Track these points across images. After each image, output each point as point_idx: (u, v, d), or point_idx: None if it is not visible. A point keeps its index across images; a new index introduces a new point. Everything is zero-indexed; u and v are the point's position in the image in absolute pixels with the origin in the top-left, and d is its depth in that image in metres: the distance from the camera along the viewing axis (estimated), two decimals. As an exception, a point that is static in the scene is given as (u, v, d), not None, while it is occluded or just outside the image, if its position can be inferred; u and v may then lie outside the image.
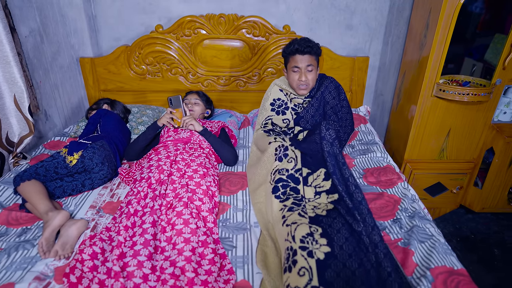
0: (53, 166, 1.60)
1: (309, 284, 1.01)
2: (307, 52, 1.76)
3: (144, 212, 1.40)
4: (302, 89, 1.85)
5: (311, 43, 1.77)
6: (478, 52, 2.23)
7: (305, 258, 1.08)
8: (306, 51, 1.75)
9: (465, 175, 2.30)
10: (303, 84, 1.82)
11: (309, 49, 1.75)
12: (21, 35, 1.91)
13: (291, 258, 1.10)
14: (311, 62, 1.78)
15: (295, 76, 1.82)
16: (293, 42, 1.79)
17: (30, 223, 1.44)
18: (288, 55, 1.82)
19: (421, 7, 2.07)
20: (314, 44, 1.78)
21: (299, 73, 1.81)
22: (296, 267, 1.07)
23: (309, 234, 1.16)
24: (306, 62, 1.78)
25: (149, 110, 2.39)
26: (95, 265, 1.18)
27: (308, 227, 1.19)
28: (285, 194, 1.44)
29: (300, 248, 1.11)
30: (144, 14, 2.43)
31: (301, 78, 1.80)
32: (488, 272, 1.96)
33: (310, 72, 1.80)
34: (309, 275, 1.04)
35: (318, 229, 1.19)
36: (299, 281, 1.03)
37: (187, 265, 1.15)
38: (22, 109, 1.86)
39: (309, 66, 1.78)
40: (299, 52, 1.76)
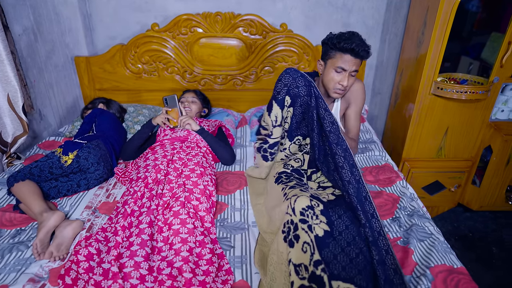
0: (47, 166, 1.58)
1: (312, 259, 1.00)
2: (362, 57, 1.49)
3: (141, 212, 1.38)
4: (337, 93, 1.58)
5: (368, 47, 1.48)
6: (474, 50, 2.23)
7: (306, 231, 1.06)
8: (362, 55, 1.48)
9: (463, 174, 2.30)
10: (341, 89, 1.56)
11: (365, 54, 1.48)
12: (14, 33, 1.89)
13: (292, 232, 1.09)
14: (358, 68, 1.53)
15: (336, 77, 1.54)
16: (350, 38, 1.46)
17: (24, 224, 1.41)
18: (336, 50, 1.50)
19: (419, 5, 2.07)
20: (369, 50, 1.49)
21: (342, 76, 1.53)
22: (300, 242, 1.05)
23: (310, 207, 1.13)
24: (355, 66, 1.51)
25: (145, 110, 2.37)
26: (90, 266, 1.16)
27: (309, 200, 1.16)
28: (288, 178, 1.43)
29: (300, 221, 1.09)
30: (139, 13, 2.40)
31: (343, 82, 1.53)
32: (487, 270, 1.95)
33: (352, 77, 1.55)
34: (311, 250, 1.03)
35: (319, 204, 1.16)
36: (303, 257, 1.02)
37: (185, 266, 1.13)
38: (16, 109, 1.83)
39: (355, 72, 1.53)
40: (353, 53, 1.47)
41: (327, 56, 1.54)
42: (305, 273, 1.03)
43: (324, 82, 1.59)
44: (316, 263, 1.03)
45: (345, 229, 1.12)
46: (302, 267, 1.05)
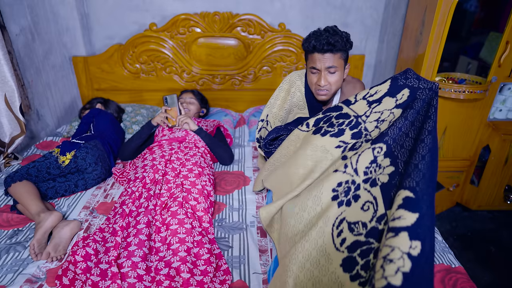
0: (45, 167, 1.57)
1: (374, 216, 0.97)
2: (328, 50, 1.36)
3: (139, 213, 1.38)
4: (321, 95, 1.47)
5: (333, 38, 1.34)
6: (473, 50, 2.23)
7: (368, 191, 1.02)
8: (327, 49, 1.35)
9: (461, 173, 2.30)
10: (322, 90, 1.45)
11: (330, 47, 1.35)
12: (11, 33, 1.88)
13: (352, 192, 1.04)
14: (334, 63, 1.39)
15: (313, 79, 1.45)
16: (311, 36, 1.39)
17: (22, 225, 1.41)
18: (306, 52, 1.45)
19: (417, 4, 2.07)
20: (338, 39, 1.34)
21: (318, 76, 1.43)
22: (359, 202, 1.02)
23: (373, 161, 1.06)
24: (327, 63, 1.39)
25: (143, 110, 2.36)
26: (88, 266, 1.16)
27: (371, 151, 1.08)
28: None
29: (363, 181, 1.04)
30: (137, 12, 2.40)
31: (319, 82, 1.42)
32: (485, 270, 1.95)
33: (333, 74, 1.42)
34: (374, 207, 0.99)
35: (382, 147, 1.07)
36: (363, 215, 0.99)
37: (182, 266, 1.13)
38: (13, 109, 1.83)
39: (331, 68, 1.39)
40: (318, 50, 1.37)
41: (306, 59, 1.49)
42: (362, 230, 0.97)
43: (310, 86, 1.52)
44: (379, 219, 0.97)
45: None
46: (359, 224, 0.99)
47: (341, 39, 1.35)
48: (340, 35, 1.35)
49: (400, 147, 1.06)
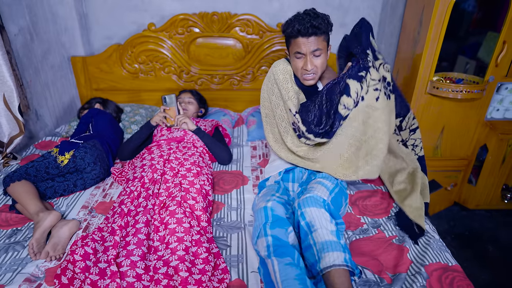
0: (44, 166, 1.57)
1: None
2: (313, 34, 1.35)
3: (137, 212, 1.38)
4: (308, 79, 1.45)
5: (317, 21, 1.33)
6: (471, 50, 2.24)
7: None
8: (311, 32, 1.34)
9: (459, 173, 2.31)
10: (309, 73, 1.43)
11: (314, 30, 1.34)
12: (10, 33, 1.88)
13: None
14: (319, 46, 1.37)
15: (298, 64, 1.43)
16: (293, 20, 1.37)
17: (21, 224, 1.41)
18: (288, 37, 1.42)
19: (414, 4, 2.07)
20: (321, 21, 1.34)
21: (303, 60, 1.41)
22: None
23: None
24: (312, 47, 1.37)
25: (142, 109, 2.37)
26: (87, 266, 1.16)
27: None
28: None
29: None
30: (136, 12, 2.40)
31: (306, 66, 1.41)
32: (483, 268, 1.96)
33: (318, 57, 1.41)
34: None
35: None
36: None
37: (181, 265, 1.13)
38: (11, 109, 1.83)
39: (316, 50, 1.38)
40: (302, 34, 1.35)
41: (287, 45, 1.47)
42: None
43: (295, 72, 1.49)
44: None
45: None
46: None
47: (323, 21, 1.35)
48: (321, 17, 1.36)
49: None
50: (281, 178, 1.53)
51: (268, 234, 1.18)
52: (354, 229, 1.39)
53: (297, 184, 1.50)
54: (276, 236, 1.17)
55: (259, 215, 1.27)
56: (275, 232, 1.18)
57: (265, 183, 1.56)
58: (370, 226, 1.41)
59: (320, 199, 1.24)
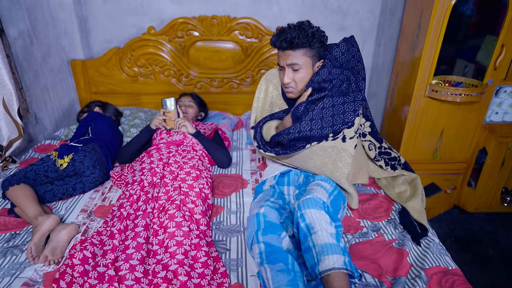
0: (43, 170, 1.57)
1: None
2: (287, 48, 1.33)
3: (137, 216, 1.38)
4: (287, 92, 1.47)
5: (293, 34, 1.30)
6: (470, 53, 2.25)
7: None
8: (285, 47, 1.33)
9: (458, 176, 2.31)
10: (287, 87, 1.44)
11: (287, 45, 1.32)
12: (10, 36, 1.88)
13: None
14: (296, 60, 1.35)
15: (280, 76, 1.45)
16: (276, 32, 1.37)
17: (19, 228, 1.41)
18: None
19: (413, 8, 2.08)
20: (299, 35, 1.30)
21: (283, 73, 1.42)
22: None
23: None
24: (288, 60, 1.36)
25: (141, 113, 2.37)
26: (85, 270, 1.15)
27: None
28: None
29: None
30: (135, 16, 2.41)
31: (283, 79, 1.41)
32: (483, 272, 1.96)
33: (296, 72, 1.39)
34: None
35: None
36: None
37: (180, 269, 1.13)
38: (11, 112, 1.83)
39: (294, 65, 1.37)
40: (278, 47, 1.36)
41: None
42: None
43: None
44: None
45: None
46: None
47: (303, 35, 1.31)
48: (304, 30, 1.31)
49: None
50: (276, 182, 1.52)
51: (260, 241, 1.17)
52: (353, 233, 1.39)
53: (293, 187, 1.49)
54: (268, 242, 1.16)
55: (252, 222, 1.27)
56: (267, 238, 1.17)
57: (262, 187, 1.56)
58: (370, 230, 1.40)
59: (320, 201, 1.24)
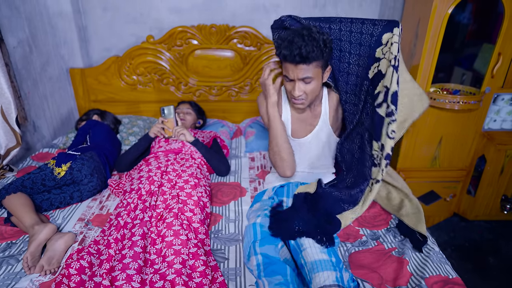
0: (40, 178, 1.56)
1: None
2: (301, 62, 1.24)
3: (134, 224, 1.37)
4: (296, 104, 1.39)
5: (307, 48, 1.20)
6: (467, 61, 2.26)
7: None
8: (299, 61, 1.24)
9: (457, 183, 2.30)
10: (297, 99, 1.36)
11: (300, 59, 1.22)
12: (9, 45, 1.89)
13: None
14: (309, 74, 1.27)
15: (288, 86, 1.36)
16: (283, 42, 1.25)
17: (15, 237, 1.39)
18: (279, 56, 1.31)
19: (410, 17, 2.10)
20: (313, 48, 1.21)
21: (292, 85, 1.33)
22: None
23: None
24: (300, 74, 1.27)
25: (140, 121, 2.37)
26: (82, 280, 1.14)
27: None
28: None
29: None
30: (135, 25, 2.42)
31: (293, 92, 1.33)
32: (483, 280, 1.94)
33: (308, 84, 1.31)
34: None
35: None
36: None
37: (177, 279, 1.12)
38: (9, 120, 1.82)
39: (306, 78, 1.29)
40: (291, 60, 1.25)
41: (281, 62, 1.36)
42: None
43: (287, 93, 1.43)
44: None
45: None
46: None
47: (317, 46, 1.22)
48: (316, 41, 1.22)
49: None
50: (275, 193, 1.51)
51: (258, 252, 1.15)
52: (353, 241, 1.38)
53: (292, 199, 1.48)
54: (265, 254, 1.15)
55: (248, 233, 1.25)
56: (264, 249, 1.16)
57: (261, 197, 1.55)
58: (369, 238, 1.39)
59: None
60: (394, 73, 1.20)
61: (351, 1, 2.41)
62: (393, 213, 1.50)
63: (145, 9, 2.38)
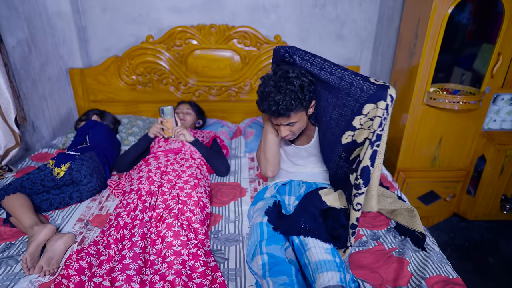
0: (39, 179, 1.55)
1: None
2: (281, 115, 1.24)
3: (134, 225, 1.36)
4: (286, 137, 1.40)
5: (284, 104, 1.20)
6: (467, 61, 2.26)
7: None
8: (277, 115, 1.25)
9: (457, 183, 2.30)
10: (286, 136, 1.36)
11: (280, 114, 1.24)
12: (8, 45, 1.88)
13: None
14: (292, 120, 1.28)
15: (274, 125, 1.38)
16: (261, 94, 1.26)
17: (14, 238, 1.39)
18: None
19: (410, 17, 2.10)
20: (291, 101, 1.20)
21: (278, 127, 1.35)
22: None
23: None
24: (284, 122, 1.30)
25: (139, 121, 2.36)
26: (81, 280, 1.13)
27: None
28: None
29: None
30: (134, 25, 2.42)
31: (280, 133, 1.34)
32: (483, 280, 1.94)
33: (293, 127, 1.32)
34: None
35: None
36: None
37: (177, 279, 1.11)
38: (8, 121, 1.82)
39: (291, 123, 1.30)
40: (269, 114, 1.28)
41: None
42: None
43: None
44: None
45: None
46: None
47: (295, 98, 1.21)
48: (295, 92, 1.20)
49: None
50: (277, 191, 1.50)
51: (264, 252, 1.15)
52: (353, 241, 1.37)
53: (294, 197, 1.48)
54: (271, 254, 1.14)
55: (255, 232, 1.25)
56: (270, 249, 1.16)
57: (263, 194, 1.54)
58: (370, 238, 1.39)
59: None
60: (369, 149, 1.12)
61: (351, 1, 2.41)
62: (387, 215, 1.50)
63: (144, 9, 2.38)
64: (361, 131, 1.19)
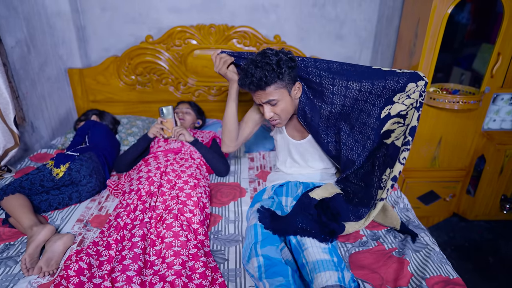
0: (38, 179, 1.55)
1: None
2: (257, 89, 1.28)
3: (134, 225, 1.36)
4: (274, 125, 1.44)
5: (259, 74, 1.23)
6: (466, 61, 2.26)
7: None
8: (254, 89, 1.28)
9: (457, 183, 2.30)
10: (272, 120, 1.39)
11: (255, 88, 1.27)
12: (7, 45, 1.88)
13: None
14: (271, 97, 1.29)
15: (260, 110, 1.41)
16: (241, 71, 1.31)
17: (14, 239, 1.38)
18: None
19: (410, 16, 2.10)
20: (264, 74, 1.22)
21: (262, 108, 1.37)
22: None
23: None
24: (262, 99, 1.31)
25: (139, 121, 2.36)
26: (81, 281, 1.13)
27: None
28: None
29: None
30: (134, 25, 2.41)
31: (265, 115, 1.36)
32: (483, 280, 1.94)
33: (276, 106, 1.33)
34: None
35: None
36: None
37: (177, 280, 1.11)
38: (7, 121, 1.81)
39: (272, 101, 1.31)
40: (247, 89, 1.30)
41: None
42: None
43: None
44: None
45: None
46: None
47: (270, 71, 1.23)
48: (270, 65, 1.23)
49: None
50: (274, 192, 1.50)
51: (259, 254, 1.14)
52: (353, 242, 1.37)
53: (291, 198, 1.47)
54: (267, 255, 1.14)
55: (249, 234, 1.25)
56: (265, 251, 1.15)
57: (261, 196, 1.54)
58: (370, 238, 1.39)
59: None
60: (415, 113, 1.28)
61: (351, 1, 2.40)
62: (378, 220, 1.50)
63: (144, 9, 2.37)
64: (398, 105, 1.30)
